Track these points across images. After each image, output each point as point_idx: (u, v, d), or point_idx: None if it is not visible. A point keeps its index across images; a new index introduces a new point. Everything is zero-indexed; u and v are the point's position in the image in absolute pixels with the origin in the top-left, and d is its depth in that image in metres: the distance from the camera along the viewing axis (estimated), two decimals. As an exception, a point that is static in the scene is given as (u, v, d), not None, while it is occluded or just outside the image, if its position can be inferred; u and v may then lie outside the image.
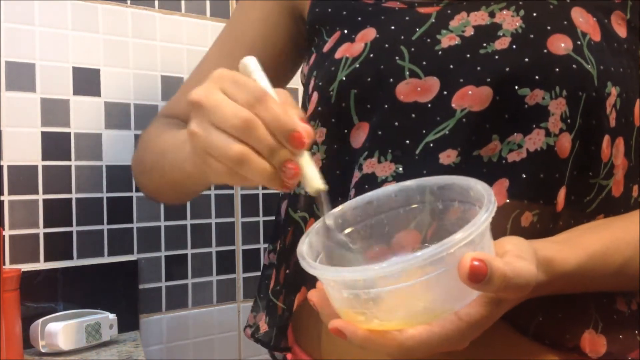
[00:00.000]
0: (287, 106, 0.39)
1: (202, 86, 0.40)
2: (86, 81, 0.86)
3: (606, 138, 0.49)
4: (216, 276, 0.98)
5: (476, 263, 0.34)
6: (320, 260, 0.42)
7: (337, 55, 0.53)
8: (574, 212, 0.49)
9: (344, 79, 0.51)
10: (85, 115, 0.86)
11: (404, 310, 0.36)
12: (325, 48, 0.56)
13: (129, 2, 0.91)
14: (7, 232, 0.80)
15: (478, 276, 0.34)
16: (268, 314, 0.59)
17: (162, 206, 0.93)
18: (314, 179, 0.40)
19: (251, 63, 0.43)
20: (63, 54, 0.85)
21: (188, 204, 0.95)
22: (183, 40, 0.95)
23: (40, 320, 0.76)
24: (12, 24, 0.81)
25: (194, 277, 0.96)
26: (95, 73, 0.87)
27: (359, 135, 0.51)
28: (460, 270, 0.34)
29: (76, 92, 0.86)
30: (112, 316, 0.81)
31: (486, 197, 0.37)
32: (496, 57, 0.47)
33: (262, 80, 0.42)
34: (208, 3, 0.98)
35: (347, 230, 0.45)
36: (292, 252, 0.55)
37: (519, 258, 0.38)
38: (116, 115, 0.89)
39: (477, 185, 0.40)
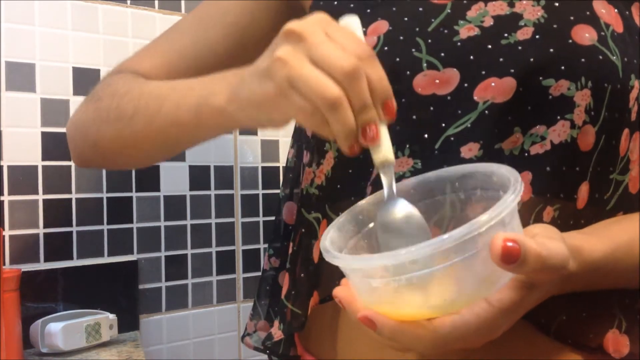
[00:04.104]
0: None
1: (302, 20, 0.39)
2: (86, 81, 0.86)
3: (625, 132, 0.48)
4: (216, 276, 0.98)
5: (510, 244, 0.32)
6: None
7: None
8: (596, 210, 0.48)
9: None
10: (85, 115, 0.86)
11: (436, 296, 0.35)
12: None
13: (129, 2, 0.91)
14: (7, 232, 0.80)
15: (511, 257, 0.32)
16: (282, 320, 0.56)
17: (162, 206, 0.93)
18: (388, 150, 0.39)
19: (354, 22, 0.42)
20: (63, 54, 0.85)
21: (188, 204, 0.95)
22: (183, 40, 0.95)
23: (40, 320, 0.76)
24: (12, 24, 0.81)
25: (194, 277, 0.96)
26: (95, 73, 0.87)
27: None
28: (493, 250, 0.33)
29: (76, 92, 0.86)
30: (112, 316, 0.81)
31: (512, 179, 0.36)
32: (519, 47, 0.46)
33: (364, 40, 0.41)
34: (208, 3, 0.98)
35: (369, 227, 0.44)
36: (306, 255, 0.54)
37: (551, 239, 0.36)
38: (116, 115, 0.89)
39: (500, 170, 0.39)
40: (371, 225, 0.44)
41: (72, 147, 0.63)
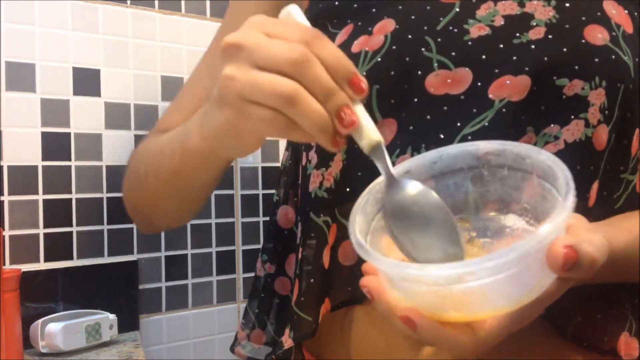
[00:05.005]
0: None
1: (238, 31, 0.36)
2: (86, 81, 0.86)
3: (637, 132, 0.48)
4: (216, 276, 0.98)
5: (566, 250, 0.31)
6: (369, 242, 0.37)
7: (355, 49, 0.50)
8: (605, 208, 0.48)
9: (364, 74, 0.47)
10: (85, 116, 0.86)
11: (488, 303, 0.34)
12: (337, 41, 0.52)
13: (129, 2, 0.91)
14: (7, 232, 0.80)
15: (570, 264, 0.31)
16: (292, 327, 0.53)
17: (162, 206, 0.92)
18: (371, 130, 0.36)
19: (295, 10, 0.39)
20: (63, 54, 0.85)
21: (188, 204, 0.95)
22: (183, 40, 0.95)
23: (40, 320, 0.76)
24: (12, 24, 0.81)
25: (194, 277, 0.96)
26: (95, 73, 0.87)
27: (385, 133, 0.48)
28: (553, 259, 0.32)
29: (76, 92, 0.86)
30: (112, 316, 0.81)
31: (561, 173, 0.34)
32: (532, 46, 0.46)
33: (309, 26, 0.38)
34: (208, 3, 0.98)
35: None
36: (317, 260, 0.52)
37: (590, 231, 0.35)
38: (116, 116, 0.89)
39: (539, 155, 0.37)
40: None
41: (131, 217, 0.67)
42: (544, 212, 0.37)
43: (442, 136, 0.47)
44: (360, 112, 0.36)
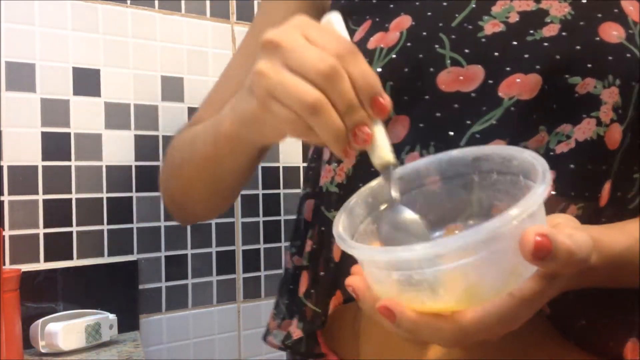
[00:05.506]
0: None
1: (279, 28, 0.38)
2: (86, 81, 0.86)
3: None
4: (216, 276, 0.98)
5: (539, 238, 0.31)
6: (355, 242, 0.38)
7: (370, 45, 0.50)
8: (617, 209, 0.47)
9: (379, 70, 0.48)
10: (85, 115, 0.86)
11: (462, 290, 0.33)
12: (356, 38, 0.53)
13: (129, 2, 0.91)
14: (7, 232, 0.80)
15: (543, 252, 0.31)
16: (301, 319, 0.55)
17: (162, 206, 0.93)
18: (385, 150, 0.37)
19: (336, 19, 0.40)
20: (63, 54, 0.85)
21: (188, 204, 0.95)
22: (183, 40, 0.95)
23: (40, 320, 0.76)
24: (12, 24, 0.81)
25: (194, 277, 0.96)
26: (95, 73, 0.87)
27: (398, 129, 0.49)
28: (524, 246, 0.31)
29: (76, 92, 0.86)
30: (112, 316, 0.81)
31: (539, 168, 0.34)
32: (545, 44, 0.45)
33: (348, 38, 0.39)
34: (208, 3, 0.98)
35: (380, 209, 0.42)
36: (327, 253, 0.53)
37: (577, 229, 0.35)
38: (116, 115, 0.89)
39: (522, 154, 0.37)
40: (381, 207, 0.42)
41: (168, 209, 0.69)
42: None
43: (451, 134, 0.47)
44: (378, 131, 0.37)
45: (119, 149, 0.89)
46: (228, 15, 1.00)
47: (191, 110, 0.96)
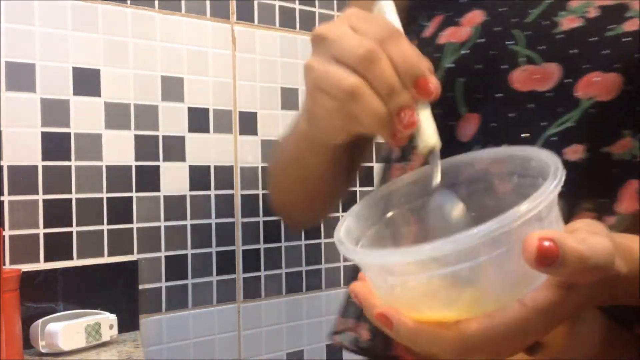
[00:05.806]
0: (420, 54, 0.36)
1: (329, 22, 0.38)
2: (86, 81, 0.86)
3: None
4: (216, 276, 0.98)
5: (546, 243, 0.28)
6: (361, 247, 0.37)
7: (441, 40, 0.49)
8: None
9: (451, 66, 0.47)
10: (85, 115, 0.86)
11: (460, 298, 0.31)
12: (427, 33, 0.51)
13: (129, 2, 0.91)
14: (7, 232, 0.80)
15: (548, 259, 0.28)
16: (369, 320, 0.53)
17: (162, 206, 0.93)
18: (430, 134, 0.36)
19: (387, 6, 0.40)
20: (63, 54, 0.85)
21: (188, 204, 0.95)
22: (183, 41, 0.95)
23: (40, 320, 0.76)
24: (12, 24, 0.81)
25: (194, 277, 0.96)
26: (95, 73, 0.87)
27: (467, 128, 0.47)
28: (526, 251, 0.28)
29: (76, 92, 0.86)
30: (112, 316, 0.81)
31: (552, 165, 0.32)
32: (624, 40, 0.42)
33: (397, 23, 0.38)
34: (208, 3, 0.98)
35: (389, 214, 0.40)
36: None
37: (593, 234, 0.31)
38: (116, 116, 0.89)
39: (540, 155, 0.35)
40: (391, 213, 0.40)
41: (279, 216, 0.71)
42: None
43: (525, 135, 0.44)
44: (423, 115, 0.36)
45: (119, 149, 0.89)
46: (228, 15, 1.00)
47: (191, 110, 0.96)
